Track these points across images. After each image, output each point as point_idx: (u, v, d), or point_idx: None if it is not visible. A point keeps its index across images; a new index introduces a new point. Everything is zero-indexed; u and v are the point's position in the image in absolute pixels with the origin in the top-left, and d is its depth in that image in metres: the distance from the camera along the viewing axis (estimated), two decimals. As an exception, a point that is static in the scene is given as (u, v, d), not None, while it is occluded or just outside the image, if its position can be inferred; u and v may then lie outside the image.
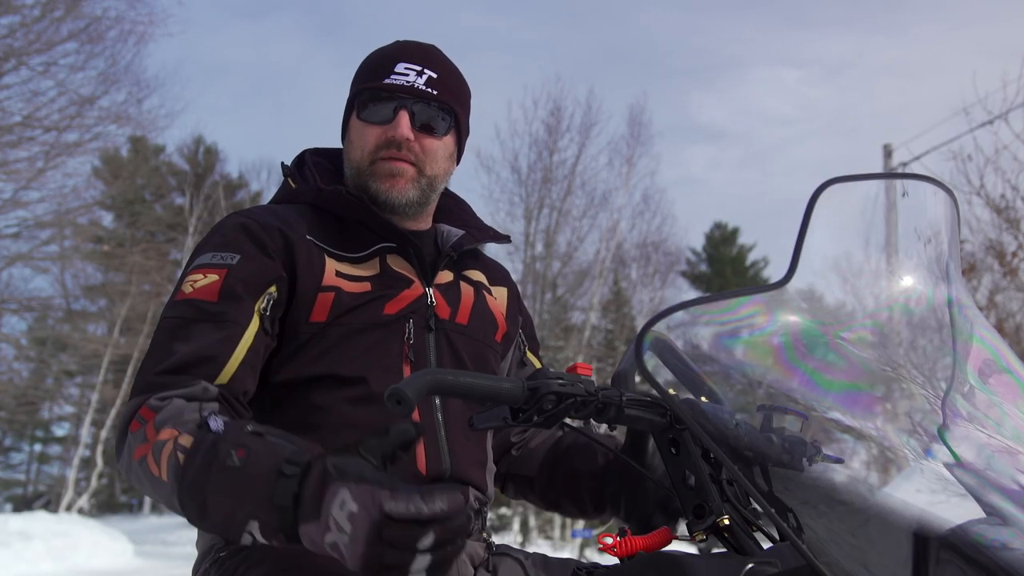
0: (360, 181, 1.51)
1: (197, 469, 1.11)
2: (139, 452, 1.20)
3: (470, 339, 1.52)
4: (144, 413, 1.24)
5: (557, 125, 21.83)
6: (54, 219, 17.20)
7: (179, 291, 1.38)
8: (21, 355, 24.53)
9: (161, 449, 1.16)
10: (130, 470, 1.23)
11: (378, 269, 1.46)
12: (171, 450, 1.15)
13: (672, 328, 1.10)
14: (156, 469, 1.16)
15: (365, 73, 1.55)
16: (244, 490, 1.07)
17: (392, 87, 1.49)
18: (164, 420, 1.20)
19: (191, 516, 1.14)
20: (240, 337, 1.34)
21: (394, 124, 1.48)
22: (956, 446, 0.96)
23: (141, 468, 1.19)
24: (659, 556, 1.02)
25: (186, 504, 1.13)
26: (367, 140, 1.50)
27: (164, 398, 1.25)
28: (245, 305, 1.36)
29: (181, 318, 1.34)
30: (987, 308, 11.38)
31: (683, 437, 1.12)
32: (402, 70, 1.50)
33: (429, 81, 1.51)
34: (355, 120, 1.53)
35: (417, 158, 1.50)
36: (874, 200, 1.10)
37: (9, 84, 15.10)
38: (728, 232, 34.70)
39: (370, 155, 1.49)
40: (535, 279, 21.07)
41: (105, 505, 31.62)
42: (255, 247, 1.40)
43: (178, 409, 1.23)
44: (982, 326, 1.11)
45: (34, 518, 15.36)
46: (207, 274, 1.37)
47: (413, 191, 1.51)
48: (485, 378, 1.03)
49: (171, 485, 1.14)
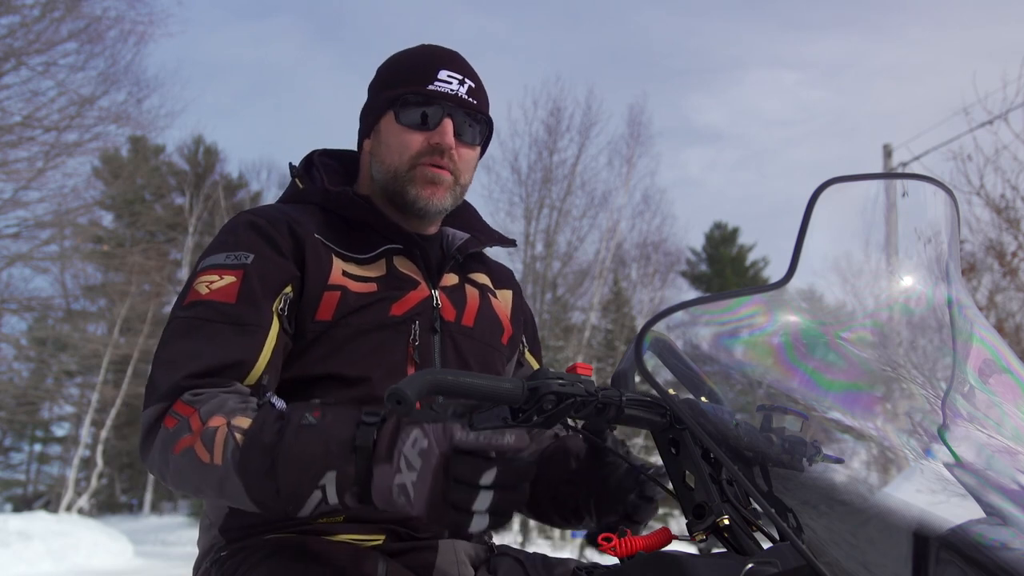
0: (396, 186, 1.50)
1: (264, 441, 1.13)
2: (182, 444, 1.19)
3: (475, 342, 1.52)
4: (181, 409, 1.23)
5: (557, 125, 21.87)
6: (54, 219, 17.20)
7: (192, 291, 1.36)
8: (21, 355, 24.52)
9: (213, 435, 1.17)
10: (166, 466, 1.22)
11: (384, 270, 1.46)
12: (225, 434, 1.16)
13: (672, 328, 1.10)
14: (207, 455, 1.16)
15: (403, 76, 1.52)
16: (324, 441, 1.10)
17: (438, 95, 1.48)
18: (211, 411, 1.21)
19: (252, 489, 1.14)
20: (264, 340, 1.33)
21: (439, 131, 1.47)
22: (956, 446, 0.96)
23: (185, 459, 1.19)
24: (659, 556, 1.02)
25: (248, 476, 1.13)
26: (408, 145, 1.48)
27: (198, 395, 1.25)
28: (264, 307, 1.35)
29: (200, 319, 1.33)
30: (987, 308, 11.38)
31: (683, 437, 1.12)
32: (445, 77, 1.49)
33: (470, 91, 1.51)
34: (394, 124, 1.50)
35: (455, 167, 1.50)
36: (874, 200, 1.10)
37: (9, 84, 15.11)
38: (728, 232, 34.69)
39: (411, 160, 1.48)
40: (535, 279, 21.07)
41: (105, 505, 31.63)
42: (268, 246, 1.40)
43: (222, 400, 1.24)
44: (982, 326, 1.11)
45: (34, 518, 15.37)
46: (223, 275, 1.36)
47: (449, 199, 1.51)
48: (485, 378, 1.03)
49: (225, 467, 1.15)
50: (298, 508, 1.12)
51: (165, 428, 1.23)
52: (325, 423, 1.12)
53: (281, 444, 1.12)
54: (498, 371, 1.57)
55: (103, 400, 23.90)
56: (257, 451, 1.13)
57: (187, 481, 1.21)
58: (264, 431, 1.14)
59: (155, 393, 1.28)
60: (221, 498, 1.20)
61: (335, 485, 1.09)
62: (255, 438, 1.14)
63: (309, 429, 1.12)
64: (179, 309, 1.36)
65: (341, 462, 1.08)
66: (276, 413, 1.17)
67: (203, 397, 1.24)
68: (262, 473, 1.12)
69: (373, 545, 1.34)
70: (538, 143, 21.82)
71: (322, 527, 1.33)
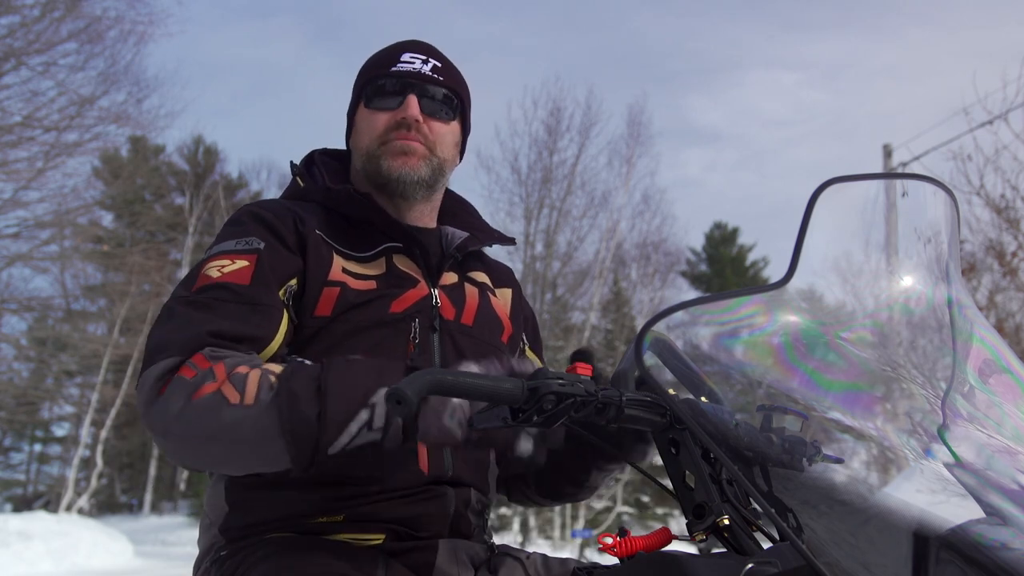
0: (372, 166, 1.52)
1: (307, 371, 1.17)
2: (204, 390, 1.17)
3: (475, 340, 1.52)
4: (201, 362, 1.20)
5: (557, 125, 21.85)
6: (54, 219, 17.22)
7: (203, 276, 1.33)
8: (21, 355, 24.53)
9: (244, 379, 1.18)
10: (177, 416, 1.17)
11: (384, 268, 1.47)
12: (260, 375, 1.18)
13: (672, 328, 1.10)
14: (235, 396, 1.16)
15: (370, 67, 1.58)
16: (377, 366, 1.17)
17: (399, 73, 1.52)
18: (236, 363, 1.21)
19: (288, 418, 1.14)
20: (278, 323, 1.34)
21: (404, 107, 1.50)
22: (956, 446, 0.96)
23: (206, 402, 1.16)
24: (659, 556, 1.02)
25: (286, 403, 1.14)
26: (376, 125, 1.52)
27: (218, 352, 1.23)
28: (274, 292, 1.36)
29: (215, 300, 1.30)
30: (987, 308, 11.37)
31: (683, 437, 1.12)
32: (408, 59, 1.54)
33: (435, 68, 1.54)
34: (363, 110, 1.55)
35: (427, 140, 1.52)
36: (874, 200, 1.10)
37: (9, 84, 15.12)
38: (728, 232, 34.69)
39: (380, 137, 1.51)
40: (535, 279, 21.06)
41: (105, 505, 31.63)
42: (275, 238, 1.41)
43: (248, 356, 1.25)
44: (982, 326, 1.11)
45: (34, 518, 15.37)
46: (235, 259, 1.36)
47: (425, 168, 1.52)
48: (485, 378, 1.03)
49: (257, 407, 1.15)
50: (336, 434, 1.13)
51: (182, 377, 1.19)
52: (372, 360, 1.18)
53: (329, 371, 1.16)
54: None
55: (103, 400, 23.89)
56: (300, 379, 1.16)
57: (201, 426, 1.17)
58: (306, 366, 1.18)
59: (166, 349, 1.24)
60: (235, 443, 1.16)
61: (386, 408, 1.12)
62: (298, 370, 1.17)
63: (357, 361, 1.17)
64: (190, 292, 1.32)
65: (396, 379, 1.13)
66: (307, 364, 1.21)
67: (225, 354, 1.22)
68: (304, 397, 1.14)
69: (373, 545, 1.34)
70: (538, 143, 21.83)
71: (322, 527, 1.33)
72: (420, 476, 1.36)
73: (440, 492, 1.38)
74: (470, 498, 1.43)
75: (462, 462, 1.42)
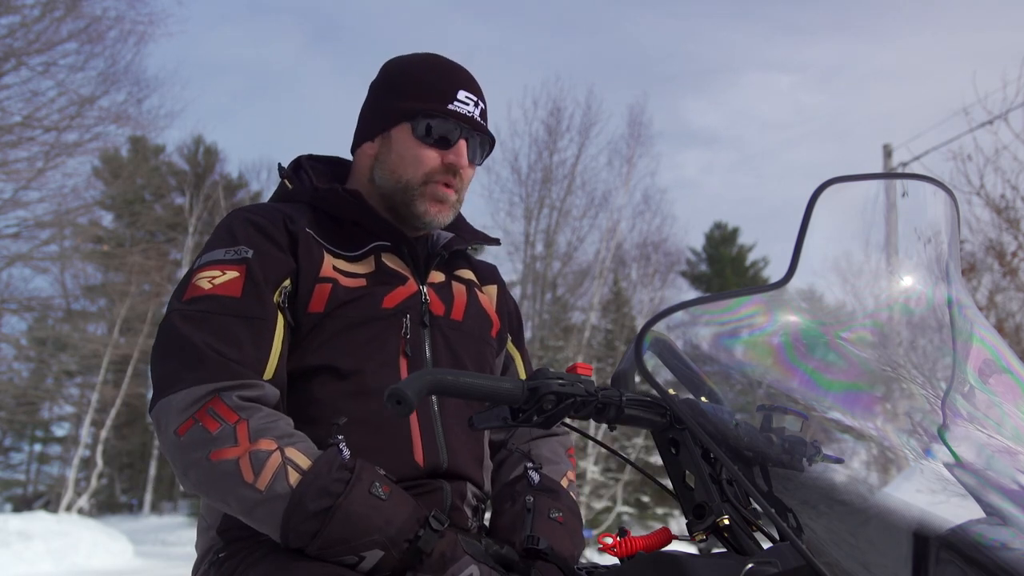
0: (404, 198, 1.52)
1: (327, 486, 1.20)
2: (224, 454, 1.23)
3: (465, 335, 1.54)
4: (224, 413, 1.25)
5: (557, 125, 21.86)
6: (54, 219, 17.20)
7: (193, 287, 1.37)
8: (21, 355, 24.52)
9: (264, 460, 1.22)
10: (194, 466, 1.25)
11: (373, 267, 1.49)
12: (279, 463, 1.22)
13: (672, 328, 1.10)
14: (251, 476, 1.21)
15: (423, 92, 1.52)
16: (388, 521, 1.20)
17: (456, 115, 1.51)
18: (261, 428, 1.24)
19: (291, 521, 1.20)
20: (273, 333, 1.36)
21: (455, 152, 1.51)
22: (956, 446, 0.95)
23: (223, 469, 1.22)
24: (659, 556, 1.02)
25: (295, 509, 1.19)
26: (424, 161, 1.51)
27: (246, 399, 1.27)
28: (267, 300, 1.38)
29: (208, 313, 1.34)
30: (987, 308, 11.37)
31: (683, 437, 1.12)
32: (463, 98, 1.53)
33: (482, 113, 1.55)
34: (410, 137, 1.51)
35: (460, 186, 1.55)
36: (874, 200, 1.10)
37: (9, 84, 15.11)
38: (728, 232, 34.69)
39: (424, 176, 1.51)
40: (535, 279, 21.07)
41: (105, 505, 31.63)
42: (266, 241, 1.42)
43: (272, 418, 1.27)
44: (982, 326, 1.11)
45: (34, 518, 15.36)
46: (225, 270, 1.38)
47: (451, 216, 1.56)
48: (485, 378, 1.03)
49: (268, 494, 1.20)
50: (325, 551, 1.20)
51: (204, 428, 1.24)
52: (394, 503, 1.22)
53: (346, 498, 1.19)
54: (489, 364, 1.60)
55: (103, 400, 23.88)
56: (316, 491, 1.20)
57: (214, 488, 1.24)
58: (331, 476, 1.21)
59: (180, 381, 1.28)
60: (241, 516, 1.24)
61: (376, 562, 1.19)
62: (318, 478, 1.21)
63: (376, 502, 1.21)
64: (182, 303, 1.37)
65: (396, 551, 1.19)
66: (342, 461, 1.24)
67: (249, 407, 1.27)
68: (313, 513, 1.19)
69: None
70: (538, 143, 21.84)
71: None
72: (416, 469, 1.38)
73: (436, 486, 1.39)
74: (466, 491, 1.44)
75: (458, 455, 1.43)
